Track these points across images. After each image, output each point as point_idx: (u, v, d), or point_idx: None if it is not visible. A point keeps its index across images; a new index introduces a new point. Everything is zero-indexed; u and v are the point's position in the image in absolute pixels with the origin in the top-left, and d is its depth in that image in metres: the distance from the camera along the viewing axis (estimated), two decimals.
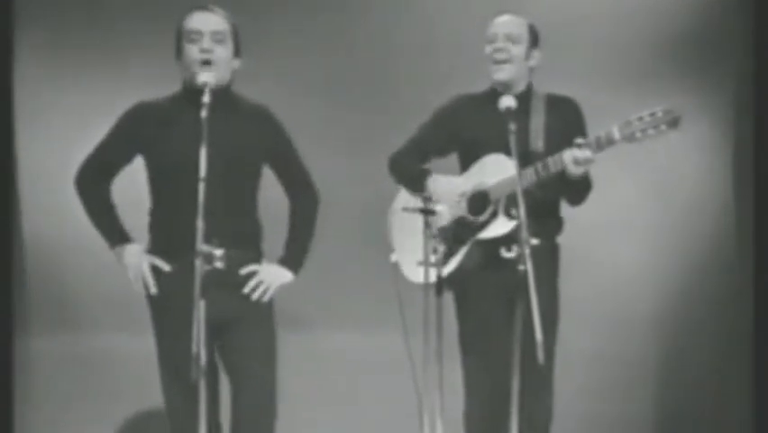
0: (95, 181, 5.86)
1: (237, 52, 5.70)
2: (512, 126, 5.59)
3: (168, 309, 5.71)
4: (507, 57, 5.93)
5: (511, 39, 5.95)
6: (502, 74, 5.92)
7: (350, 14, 7.53)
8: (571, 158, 5.70)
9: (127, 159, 5.84)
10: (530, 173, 5.76)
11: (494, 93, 5.89)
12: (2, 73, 7.47)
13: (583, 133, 5.85)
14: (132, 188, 5.86)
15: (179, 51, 5.67)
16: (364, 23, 7.49)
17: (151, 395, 5.99)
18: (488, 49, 5.96)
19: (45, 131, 7.41)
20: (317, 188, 5.88)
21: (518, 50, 5.95)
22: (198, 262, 5.34)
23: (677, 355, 7.71)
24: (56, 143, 6.88)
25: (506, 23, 5.98)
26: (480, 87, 6.03)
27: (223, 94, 5.58)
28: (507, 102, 5.65)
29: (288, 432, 5.95)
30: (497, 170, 5.88)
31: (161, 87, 5.86)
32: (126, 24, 6.91)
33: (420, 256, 5.78)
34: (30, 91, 7.70)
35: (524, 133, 5.79)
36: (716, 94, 7.61)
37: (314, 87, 7.18)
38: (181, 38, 5.66)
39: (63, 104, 7.40)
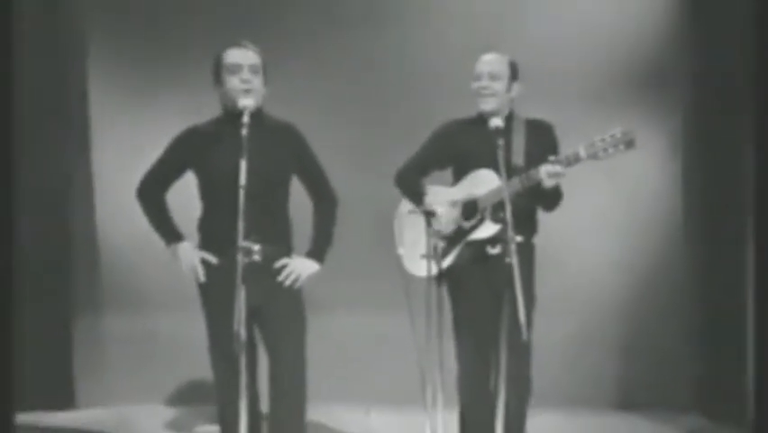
0: (152, 192, 5.94)
1: (266, 81, 5.75)
2: (500, 142, 5.61)
3: (214, 295, 5.77)
4: (490, 92, 5.93)
5: (493, 76, 5.94)
6: (487, 106, 5.91)
7: (362, 48, 7.47)
8: (545, 172, 5.69)
9: (179, 174, 5.93)
10: (515, 183, 5.74)
11: (481, 118, 5.91)
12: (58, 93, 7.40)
13: (556, 152, 5.85)
14: (183, 196, 5.93)
15: (219, 81, 5.75)
16: (375, 54, 7.43)
17: (201, 367, 6.02)
18: (474, 85, 5.96)
19: (116, 151, 7.40)
20: (336, 192, 5.93)
21: (500, 86, 5.94)
22: (239, 256, 5.44)
23: (636, 334, 7.68)
24: (125, 161, 6.71)
25: (489, 62, 5.98)
26: (471, 108, 6.01)
27: (257, 115, 5.63)
28: (496, 122, 5.66)
29: (315, 396, 5.95)
30: (484, 182, 5.91)
31: (196, 115, 5.94)
32: (183, 61, 6.80)
33: (420, 251, 5.86)
34: (104, 117, 7.74)
35: (507, 151, 5.78)
36: (666, 118, 7.58)
37: (332, 107, 7.13)
38: (221, 70, 5.73)
39: (129, 128, 7.38)
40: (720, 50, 7.45)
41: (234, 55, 5.73)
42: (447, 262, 5.95)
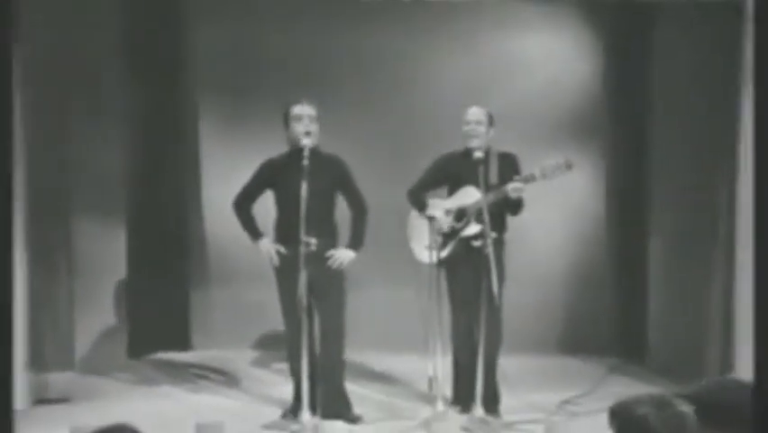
0: (243, 205, 6.01)
1: (320, 127, 5.77)
2: (480, 168, 5.72)
3: (284, 274, 5.84)
4: (475, 134, 5.89)
5: (477, 123, 5.89)
6: (472, 143, 5.85)
7: (391, 101, 7.28)
8: (511, 188, 5.72)
9: (261, 191, 6.02)
10: (490, 196, 5.73)
11: (468, 151, 5.87)
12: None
13: (518, 173, 5.83)
14: (264, 206, 5.98)
15: (288, 127, 5.82)
16: (400, 107, 7.25)
17: (276, 323, 6.10)
18: (464, 128, 5.91)
19: (221, 175, 7.21)
20: (367, 204, 5.94)
21: (482, 129, 5.89)
22: (301, 248, 5.60)
23: (573, 298, 7.57)
24: (225, 178, 6.67)
25: (474, 113, 5.92)
26: (460, 144, 5.94)
27: (314, 151, 5.69)
28: (478, 155, 5.74)
29: (351, 343, 5.98)
30: (469, 196, 5.88)
31: (273, 149, 5.96)
32: (266, 110, 6.51)
33: (425, 244, 5.94)
34: (211, 148, 7.66)
35: (485, 174, 5.78)
36: (593, 150, 7.48)
37: (368, 143, 6.96)
38: (289, 119, 5.80)
39: (227, 155, 7.31)
40: (628, 105, 7.39)
41: (298, 109, 5.79)
42: (444, 252, 5.92)
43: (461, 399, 5.95)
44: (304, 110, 5.79)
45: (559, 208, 7.32)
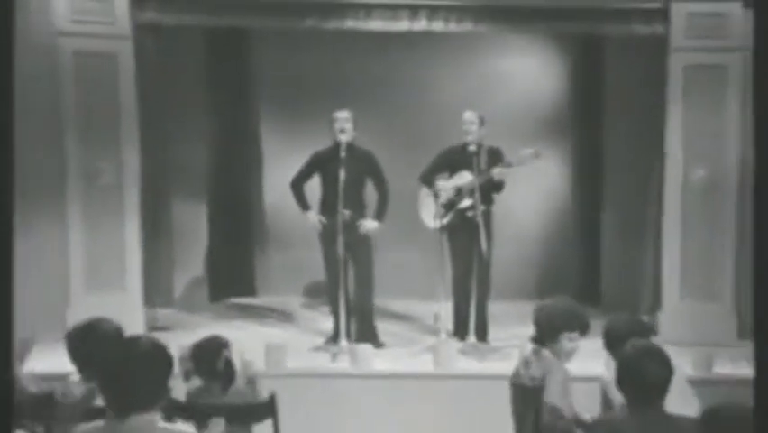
0: (297, 184, 5.97)
1: (355, 127, 5.76)
2: (474, 158, 5.78)
3: (326, 238, 5.85)
4: (470, 132, 5.88)
5: (471, 123, 5.86)
6: (468, 139, 5.87)
7: (411, 109, 7.10)
8: (497, 172, 5.77)
9: (310, 175, 5.97)
10: (480, 178, 5.75)
11: (465, 145, 5.89)
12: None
13: (502, 160, 5.81)
14: (311, 186, 6.01)
15: (331, 127, 5.75)
16: (416, 114, 7.09)
17: (320, 274, 6.16)
18: (463, 127, 5.87)
19: (277, 164, 7.15)
20: (389, 186, 5.91)
21: (475, 128, 5.86)
22: (339, 217, 5.62)
23: (543, 253, 7.47)
24: (283, 170, 6.46)
25: (470, 115, 5.88)
26: (459, 139, 5.94)
27: (350, 146, 5.71)
28: (472, 148, 5.81)
29: (376, 291, 6.01)
30: (465, 178, 5.90)
31: (320, 144, 5.96)
32: (315, 113, 6.32)
33: (431, 214, 5.91)
34: (270, 145, 7.55)
35: (477, 162, 5.80)
36: (561, 145, 7.43)
37: (394, 140, 6.74)
38: (333, 121, 5.75)
39: (285, 149, 7.09)
40: (587, 110, 7.33)
41: (338, 114, 5.75)
42: (445, 220, 5.92)
43: (459, 331, 5.94)
44: (342, 114, 5.73)
45: (534, 188, 7.22)
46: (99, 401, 3.02)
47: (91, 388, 3.24)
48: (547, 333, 3.80)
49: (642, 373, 2.93)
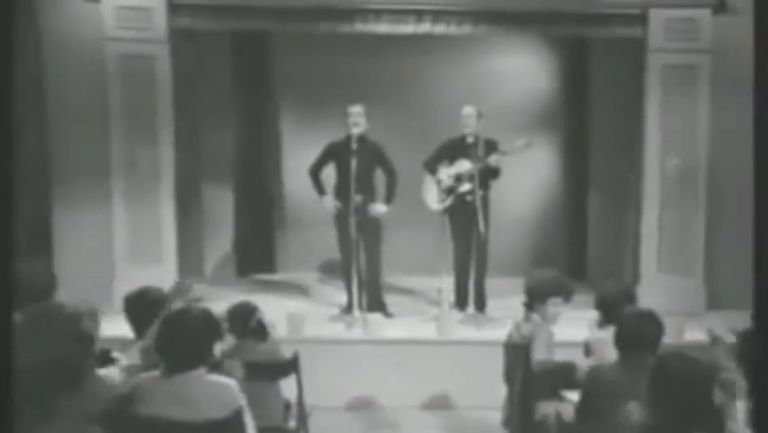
0: (315, 172, 5.93)
1: (367, 120, 5.74)
2: (472, 148, 5.79)
3: (340, 220, 5.84)
4: (468, 125, 5.88)
5: (469, 117, 5.87)
6: (467, 131, 5.87)
7: (417, 104, 7.09)
8: (493, 160, 5.76)
9: (326, 164, 5.94)
10: (478, 165, 5.72)
11: (463, 137, 5.89)
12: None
13: (497, 150, 5.81)
14: (327, 173, 5.96)
15: (345, 120, 5.74)
16: (420, 110, 7.05)
17: (334, 253, 6.12)
18: (462, 120, 5.88)
19: (296, 154, 7.09)
20: (396, 173, 5.87)
21: (473, 121, 5.86)
22: (351, 202, 5.64)
23: (536, 234, 7.45)
24: (301, 159, 6.33)
25: (468, 110, 5.88)
26: (459, 132, 5.93)
27: (361, 137, 5.69)
28: (470, 139, 5.82)
29: (385, 267, 6.03)
30: (464, 165, 5.87)
31: (335, 134, 5.93)
32: (331, 106, 6.26)
33: (434, 198, 5.94)
34: (289, 137, 7.54)
35: (475, 151, 5.80)
36: (551, 136, 7.41)
37: (402, 132, 6.59)
38: (346, 114, 5.73)
39: (302, 141, 7.03)
40: (575, 105, 7.32)
41: (352, 108, 5.74)
42: (447, 203, 5.92)
43: (460, 303, 5.97)
44: (356, 109, 5.71)
45: (528, 174, 7.22)
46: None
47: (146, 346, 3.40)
48: (536, 297, 3.96)
49: (640, 333, 3.17)
